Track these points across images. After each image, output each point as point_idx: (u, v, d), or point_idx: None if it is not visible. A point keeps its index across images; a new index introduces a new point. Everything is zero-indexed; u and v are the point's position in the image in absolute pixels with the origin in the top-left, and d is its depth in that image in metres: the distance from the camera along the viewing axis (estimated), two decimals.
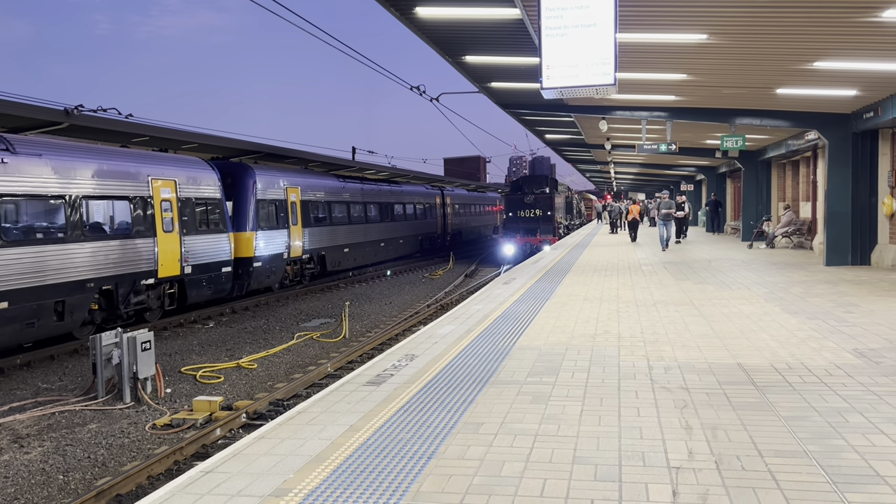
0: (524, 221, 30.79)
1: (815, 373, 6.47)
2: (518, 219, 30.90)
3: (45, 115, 14.05)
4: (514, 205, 31.31)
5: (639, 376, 6.52)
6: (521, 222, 30.81)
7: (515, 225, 30.92)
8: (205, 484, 4.27)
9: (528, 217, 30.79)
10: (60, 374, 12.00)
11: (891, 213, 15.48)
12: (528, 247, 30.16)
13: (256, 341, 14.70)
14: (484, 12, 10.18)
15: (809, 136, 18.78)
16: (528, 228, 30.71)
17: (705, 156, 28.15)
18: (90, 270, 13.59)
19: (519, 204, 31.06)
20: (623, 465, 4.31)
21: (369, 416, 5.52)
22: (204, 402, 9.58)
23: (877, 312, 9.66)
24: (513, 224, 31.03)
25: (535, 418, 5.33)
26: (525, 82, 15.57)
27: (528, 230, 30.66)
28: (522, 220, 30.82)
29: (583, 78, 7.11)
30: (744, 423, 5.07)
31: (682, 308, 10.56)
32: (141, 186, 15.19)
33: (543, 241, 30.06)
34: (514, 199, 31.49)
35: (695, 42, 10.36)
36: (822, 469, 4.17)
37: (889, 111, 13.65)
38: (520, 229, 30.70)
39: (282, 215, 21.11)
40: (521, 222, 30.81)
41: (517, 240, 30.45)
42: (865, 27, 9.11)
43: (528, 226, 30.76)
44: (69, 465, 7.88)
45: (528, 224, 30.78)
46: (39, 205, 12.78)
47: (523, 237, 30.52)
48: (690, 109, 17.52)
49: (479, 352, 7.82)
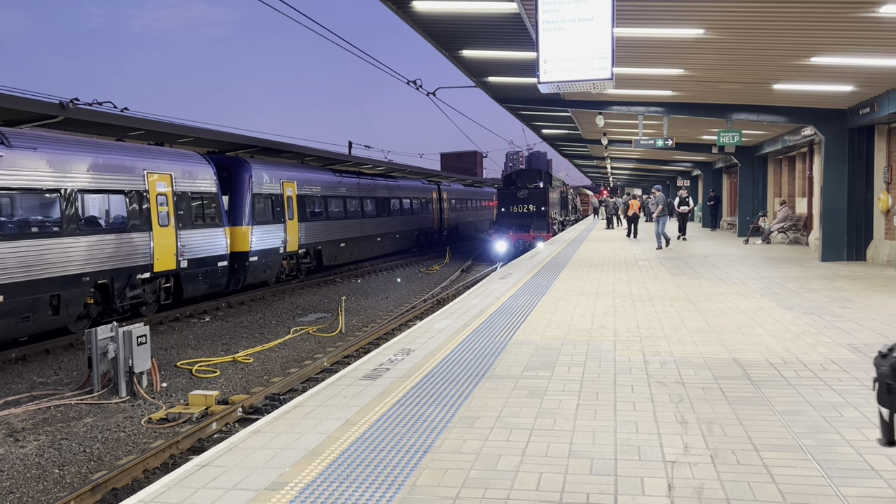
0: (517, 217, 30.00)
1: (810, 367, 6.49)
2: (511, 214, 30.12)
3: (40, 109, 14.00)
4: (507, 199, 30.54)
5: (635, 371, 6.53)
6: (513, 218, 30.03)
7: (508, 221, 30.09)
8: (200, 478, 4.26)
9: (521, 213, 29.97)
10: (56, 369, 11.98)
11: (886, 209, 15.51)
12: (520, 243, 29.27)
13: (252, 336, 14.68)
14: (481, 6, 10.16)
15: (806, 131, 18.80)
16: (521, 224, 29.84)
17: (702, 151, 28.12)
18: (86, 264, 13.55)
19: (512, 199, 30.29)
20: (619, 460, 4.32)
21: (365, 410, 5.52)
22: (200, 396, 9.57)
23: (872, 308, 9.68)
24: (505, 220, 30.21)
25: (532, 412, 5.34)
26: (522, 77, 15.54)
27: (521, 226, 29.80)
28: (515, 215, 30.03)
29: (580, 72, 7.11)
30: (739, 417, 5.08)
31: (677, 303, 10.58)
32: (137, 180, 15.14)
33: (537, 237, 29.16)
34: (507, 194, 30.74)
35: (692, 37, 10.35)
36: (816, 463, 4.18)
37: (885, 107, 13.67)
38: (512, 225, 29.90)
39: (278, 210, 21.07)
40: (513, 218, 30.03)
41: (509, 236, 29.62)
42: (863, 23, 9.11)
43: (521, 221, 29.90)
44: (64, 459, 7.87)
45: (520, 220, 29.95)
46: (35, 198, 12.73)
47: (516, 233, 29.69)
48: (687, 105, 17.52)
49: (476, 346, 7.82)
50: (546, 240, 28.71)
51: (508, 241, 29.37)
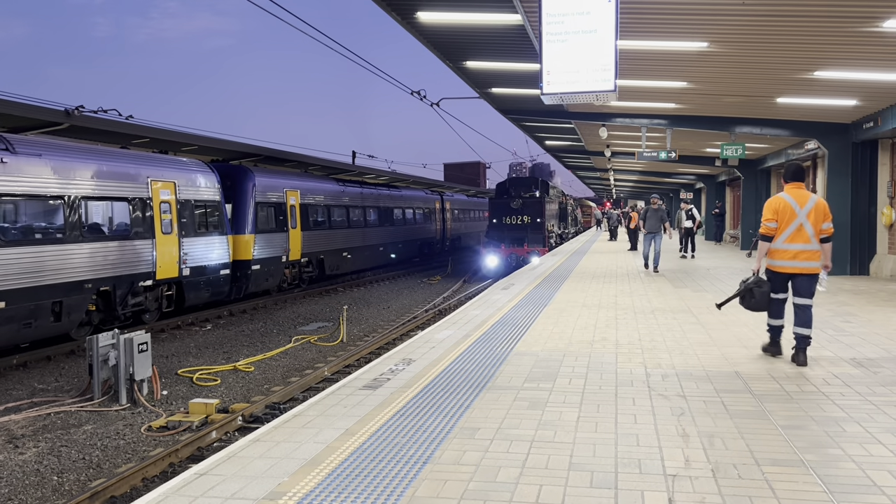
0: (510, 229, 27.39)
1: (812, 382, 6.46)
2: (503, 226, 27.48)
3: (45, 116, 14.05)
4: (499, 210, 27.90)
5: (636, 383, 6.50)
6: (506, 230, 27.40)
7: (500, 233, 27.43)
8: (199, 486, 4.25)
9: (514, 224, 27.38)
10: (57, 375, 11.97)
11: (890, 224, 15.48)
12: (513, 258, 26.65)
13: (254, 344, 14.67)
14: (485, 18, 10.20)
15: (809, 145, 18.80)
16: (515, 237, 27.22)
17: (705, 164, 28.14)
18: (88, 271, 13.57)
19: (504, 209, 27.71)
20: (619, 473, 4.30)
21: (365, 420, 5.50)
22: (200, 404, 9.55)
23: (875, 322, 9.65)
24: (497, 232, 27.52)
25: (532, 424, 5.32)
26: (525, 88, 15.59)
27: (515, 239, 27.20)
28: (508, 227, 27.42)
29: (583, 84, 7.13)
30: (741, 431, 5.06)
31: (679, 315, 10.55)
32: (140, 188, 15.18)
33: (531, 251, 26.61)
34: (500, 204, 28.06)
35: (695, 50, 10.38)
36: (818, 478, 4.15)
37: (889, 121, 13.67)
38: (505, 238, 27.24)
39: (280, 218, 21.10)
40: (506, 230, 27.40)
41: (501, 250, 26.91)
42: (866, 37, 9.14)
43: (515, 234, 27.29)
44: (64, 467, 7.84)
45: (514, 232, 27.32)
46: (38, 205, 12.76)
47: (508, 247, 27.00)
48: (690, 117, 17.56)
49: (477, 357, 7.80)
50: (542, 255, 26.30)
51: (500, 256, 26.84)
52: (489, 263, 26.83)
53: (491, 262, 26.77)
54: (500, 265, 26.40)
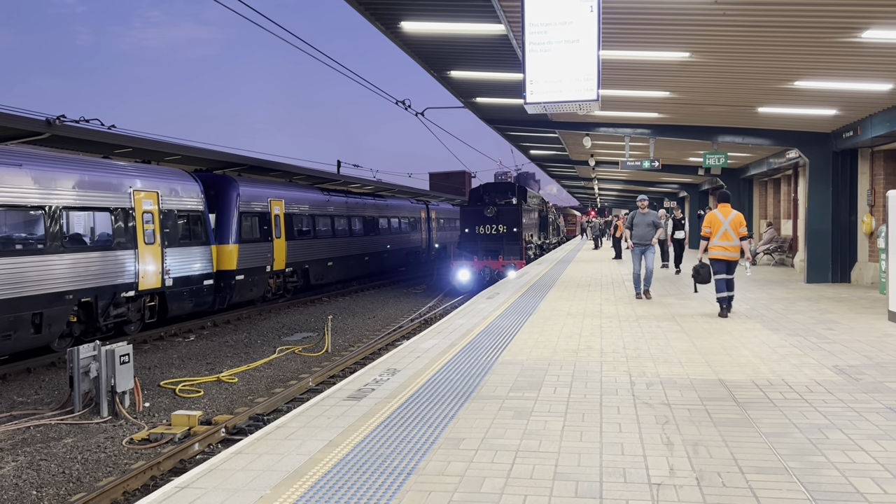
0: (483, 240, 25.13)
1: (795, 389, 6.49)
2: (476, 236, 25.22)
3: (26, 126, 13.93)
4: (472, 218, 25.62)
5: (621, 392, 6.51)
6: (479, 241, 25.12)
7: (473, 244, 25.13)
8: (179, 500, 4.19)
9: (488, 234, 25.17)
10: (36, 388, 11.80)
11: (870, 232, 15.64)
12: (486, 272, 24.35)
13: (237, 355, 14.55)
14: (469, 28, 10.23)
15: (790, 154, 18.99)
16: (489, 249, 24.99)
17: (688, 173, 28.34)
18: (69, 282, 13.42)
19: (478, 217, 25.47)
20: (604, 482, 4.29)
21: (349, 431, 5.46)
22: (183, 416, 9.45)
23: (857, 330, 9.73)
24: (469, 243, 25.24)
25: (517, 434, 5.30)
26: (510, 98, 15.65)
27: (489, 251, 24.95)
28: (481, 237, 25.17)
29: (566, 93, 7.15)
30: (725, 439, 5.07)
31: (664, 324, 10.59)
32: (122, 198, 15.06)
33: (507, 265, 24.39)
34: (472, 212, 25.85)
35: (677, 60, 10.46)
36: (802, 486, 4.16)
37: (868, 130, 13.84)
38: (478, 249, 24.93)
39: (265, 228, 21.01)
40: (479, 241, 25.12)
41: (474, 263, 24.53)
42: (845, 48, 9.25)
43: (489, 245, 25.07)
44: (43, 481, 7.72)
45: (487, 243, 25.10)
46: (19, 215, 12.62)
47: (481, 260, 24.69)
48: (673, 127, 17.69)
49: (462, 366, 7.77)
50: (518, 268, 24.08)
51: (472, 270, 24.46)
52: (460, 278, 24.43)
53: (462, 276, 24.42)
54: (471, 280, 24.25)
